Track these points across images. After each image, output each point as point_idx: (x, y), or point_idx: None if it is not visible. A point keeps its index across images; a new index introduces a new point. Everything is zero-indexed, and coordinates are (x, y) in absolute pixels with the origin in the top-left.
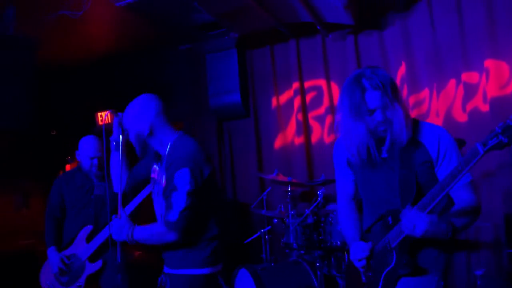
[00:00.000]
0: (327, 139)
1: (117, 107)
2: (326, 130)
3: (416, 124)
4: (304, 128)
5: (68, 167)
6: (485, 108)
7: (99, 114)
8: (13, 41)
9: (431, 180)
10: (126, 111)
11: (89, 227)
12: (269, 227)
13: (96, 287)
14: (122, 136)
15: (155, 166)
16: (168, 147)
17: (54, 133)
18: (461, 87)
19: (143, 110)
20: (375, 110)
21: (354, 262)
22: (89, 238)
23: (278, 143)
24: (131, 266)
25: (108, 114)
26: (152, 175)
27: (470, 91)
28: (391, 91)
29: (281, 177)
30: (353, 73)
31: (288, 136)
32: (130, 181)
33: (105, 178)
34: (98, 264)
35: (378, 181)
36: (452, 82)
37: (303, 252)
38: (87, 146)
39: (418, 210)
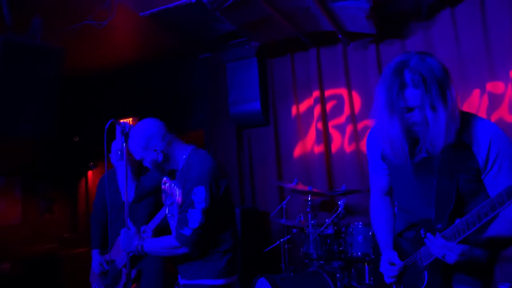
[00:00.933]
0: (348, 148)
1: (139, 114)
2: (346, 139)
3: (467, 120)
4: (324, 137)
5: (90, 174)
6: (511, 118)
7: (121, 121)
8: (39, 50)
9: (476, 190)
10: (132, 142)
11: None
12: (288, 236)
13: None
14: (125, 144)
15: (165, 178)
16: (183, 162)
17: (77, 139)
18: (485, 97)
19: (150, 139)
20: (413, 109)
21: (385, 277)
22: None
23: (297, 151)
24: (167, 275)
25: (111, 123)
26: (163, 187)
27: (495, 101)
28: (436, 88)
29: (301, 186)
30: (397, 59)
31: (307, 144)
32: (138, 191)
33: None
34: (132, 274)
35: (413, 184)
36: (476, 92)
37: (322, 262)
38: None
39: (447, 240)
